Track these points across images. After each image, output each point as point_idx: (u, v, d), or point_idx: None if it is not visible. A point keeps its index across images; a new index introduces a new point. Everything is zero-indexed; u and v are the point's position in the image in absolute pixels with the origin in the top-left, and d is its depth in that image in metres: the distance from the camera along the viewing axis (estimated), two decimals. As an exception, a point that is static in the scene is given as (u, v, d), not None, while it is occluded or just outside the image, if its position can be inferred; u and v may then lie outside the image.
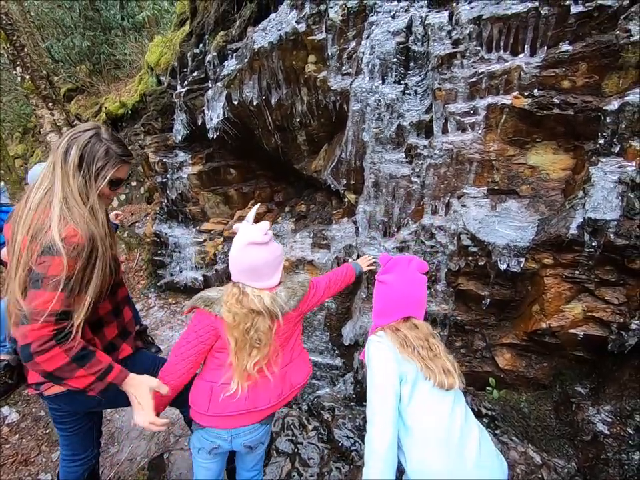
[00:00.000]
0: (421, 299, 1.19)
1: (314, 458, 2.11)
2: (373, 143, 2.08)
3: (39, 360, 0.95)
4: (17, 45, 3.62)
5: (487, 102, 1.74)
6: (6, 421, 2.51)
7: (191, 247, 3.61)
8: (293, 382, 1.27)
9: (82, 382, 1.02)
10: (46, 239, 0.99)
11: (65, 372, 0.98)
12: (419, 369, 1.05)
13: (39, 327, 0.94)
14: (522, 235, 1.68)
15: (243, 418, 1.20)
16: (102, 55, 8.79)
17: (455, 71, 1.78)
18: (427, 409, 1.03)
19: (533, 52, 1.65)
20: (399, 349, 1.08)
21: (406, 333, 1.11)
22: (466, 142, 1.82)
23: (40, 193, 1.06)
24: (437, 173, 1.93)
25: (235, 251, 1.17)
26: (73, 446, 1.42)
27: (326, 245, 2.48)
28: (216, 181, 3.50)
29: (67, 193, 1.05)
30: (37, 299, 0.96)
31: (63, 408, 1.33)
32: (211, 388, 1.20)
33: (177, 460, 2.21)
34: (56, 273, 0.97)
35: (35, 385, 1.23)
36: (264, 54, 2.29)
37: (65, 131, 3.96)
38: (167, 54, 5.51)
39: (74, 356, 0.98)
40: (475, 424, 1.05)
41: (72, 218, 1.03)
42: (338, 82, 2.18)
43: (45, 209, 1.04)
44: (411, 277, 1.19)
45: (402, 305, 1.16)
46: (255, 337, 1.14)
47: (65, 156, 1.07)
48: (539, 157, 1.77)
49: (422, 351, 1.08)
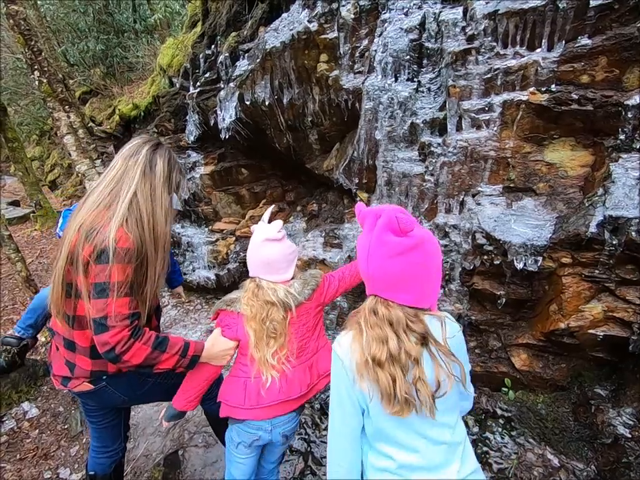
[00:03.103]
0: (382, 272, 0.81)
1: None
2: (385, 141, 2.07)
3: (126, 358, 1.02)
4: (34, 49, 3.71)
5: (503, 98, 1.71)
6: (26, 416, 2.59)
7: (203, 246, 3.66)
8: (320, 370, 1.30)
9: (169, 363, 1.10)
10: (99, 240, 1.02)
11: (151, 360, 1.07)
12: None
13: (116, 332, 1.01)
14: (539, 234, 1.65)
15: (279, 407, 1.23)
16: (115, 57, 8.96)
17: (470, 68, 1.76)
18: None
19: (551, 46, 1.61)
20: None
21: (366, 315, 0.85)
22: (481, 139, 1.80)
23: (100, 194, 1.11)
24: (451, 171, 1.91)
25: (252, 247, 1.27)
26: (102, 438, 1.47)
27: (338, 244, 2.48)
28: (228, 180, 3.53)
29: (143, 200, 1.12)
30: (107, 307, 1.01)
31: (90, 403, 1.37)
32: (244, 383, 1.24)
33: (192, 457, 2.25)
34: (119, 280, 1.02)
35: (62, 380, 1.26)
36: (276, 54, 2.30)
37: (80, 134, 4.05)
38: (178, 56, 5.58)
39: (153, 345, 1.06)
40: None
41: (131, 223, 1.08)
42: (350, 81, 2.18)
43: (104, 209, 1.08)
44: (374, 239, 0.82)
45: (363, 275, 0.88)
46: (270, 328, 1.20)
47: (151, 164, 1.14)
48: (557, 153, 1.74)
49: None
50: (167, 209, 1.18)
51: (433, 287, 0.85)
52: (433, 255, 0.83)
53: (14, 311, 3.78)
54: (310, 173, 2.96)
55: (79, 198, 8.13)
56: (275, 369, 1.20)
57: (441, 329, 0.82)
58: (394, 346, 0.78)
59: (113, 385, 1.26)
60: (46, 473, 2.22)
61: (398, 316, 0.80)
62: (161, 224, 1.16)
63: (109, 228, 1.03)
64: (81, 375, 1.22)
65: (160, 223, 1.16)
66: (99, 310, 1.01)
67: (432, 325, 0.83)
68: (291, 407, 1.26)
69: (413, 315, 0.81)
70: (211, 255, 3.63)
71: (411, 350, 0.78)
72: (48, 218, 6.36)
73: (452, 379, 0.80)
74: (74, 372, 1.21)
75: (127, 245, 1.04)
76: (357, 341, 0.84)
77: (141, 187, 1.13)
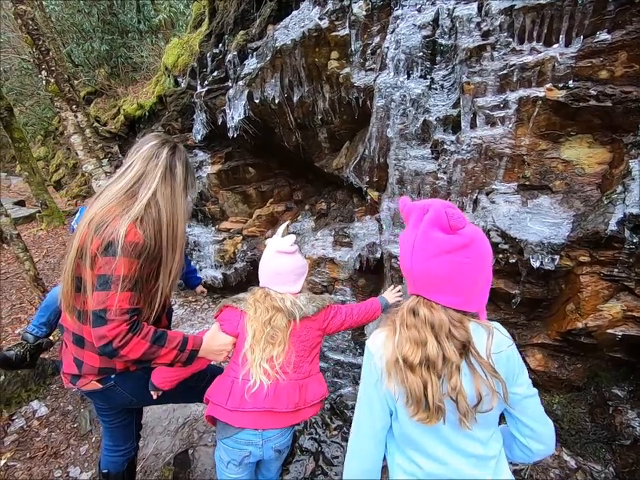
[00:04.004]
0: (427, 271, 0.75)
1: (338, 457, 2.10)
2: (397, 139, 2.05)
3: (124, 352, 1.02)
4: (42, 49, 3.72)
5: (519, 95, 1.69)
6: (36, 415, 2.59)
7: (210, 246, 3.65)
8: (308, 396, 1.26)
9: (167, 358, 1.10)
10: (107, 233, 1.03)
11: (150, 354, 1.06)
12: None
13: (114, 326, 1.00)
14: (556, 232, 1.62)
15: (261, 418, 1.19)
16: (119, 58, 8.99)
17: (485, 64, 1.74)
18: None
19: (568, 42, 1.59)
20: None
21: (404, 315, 0.81)
22: (495, 136, 1.78)
23: (117, 192, 1.11)
24: (465, 168, 1.89)
25: (265, 258, 1.33)
26: (114, 437, 1.47)
27: (348, 243, 2.46)
28: (235, 179, 3.52)
29: (164, 202, 1.13)
30: (108, 300, 1.01)
31: (99, 402, 1.36)
32: (232, 382, 1.23)
33: (202, 456, 2.24)
34: (122, 274, 1.02)
35: (71, 378, 1.26)
36: (286, 51, 2.28)
37: (87, 133, 4.05)
38: (183, 55, 5.58)
39: (152, 339, 1.06)
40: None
41: (146, 222, 1.08)
42: (361, 78, 2.16)
43: (117, 206, 1.08)
44: (420, 235, 0.76)
45: (406, 273, 0.83)
46: (270, 333, 1.22)
47: (171, 168, 1.16)
48: (573, 150, 1.71)
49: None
50: (184, 210, 1.20)
51: (482, 290, 0.79)
52: (484, 256, 0.77)
53: (21, 309, 3.79)
54: (318, 171, 2.95)
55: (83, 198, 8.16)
56: (267, 375, 1.19)
57: (487, 340, 0.76)
58: (433, 351, 0.73)
59: (121, 384, 1.26)
60: (56, 472, 2.21)
61: (441, 319, 0.75)
62: (180, 226, 1.18)
63: (119, 222, 1.04)
64: (89, 373, 1.21)
65: (179, 225, 1.18)
66: (99, 302, 1.01)
67: (477, 334, 0.76)
68: (276, 423, 1.21)
69: (458, 319, 0.75)
70: (218, 255, 3.62)
71: (451, 357, 0.73)
72: (53, 218, 6.38)
73: (496, 395, 0.74)
74: (82, 369, 1.21)
75: (134, 240, 1.04)
76: (390, 339, 0.80)
77: (161, 190, 1.14)
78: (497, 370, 0.75)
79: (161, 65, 6.33)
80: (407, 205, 0.83)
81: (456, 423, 0.76)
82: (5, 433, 2.40)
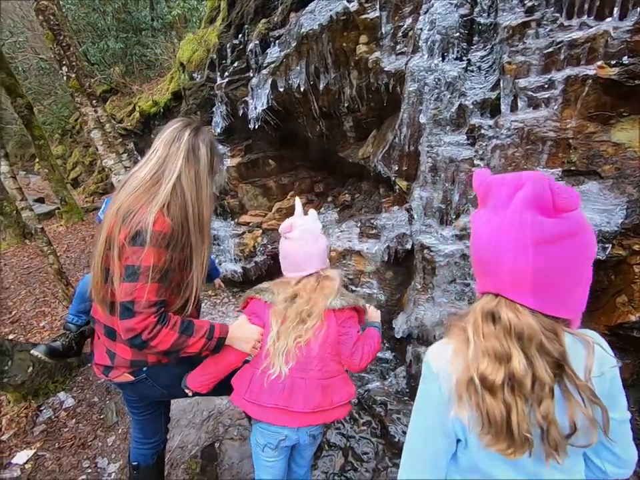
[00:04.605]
0: (516, 265, 0.60)
1: (368, 453, 2.05)
2: (430, 125, 1.97)
3: (153, 344, 1.01)
4: (63, 44, 3.73)
5: (566, 74, 1.59)
6: (63, 406, 2.61)
7: (229, 240, 3.62)
8: (334, 398, 1.19)
9: (196, 347, 1.09)
10: (135, 222, 0.99)
11: (179, 345, 1.05)
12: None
13: (142, 318, 0.98)
14: (608, 219, 1.53)
15: (274, 413, 1.16)
16: (134, 55, 9.06)
17: (528, 42, 1.64)
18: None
19: (623, 15, 1.48)
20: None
21: (478, 320, 0.64)
22: (539, 119, 1.68)
23: (141, 179, 1.08)
24: (504, 154, 1.80)
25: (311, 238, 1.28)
26: (144, 430, 1.45)
27: (375, 235, 2.39)
28: (255, 172, 3.48)
29: (187, 186, 1.09)
30: (136, 291, 0.98)
31: (130, 394, 1.35)
32: (252, 373, 1.20)
33: (228, 449, 2.22)
34: (151, 264, 0.98)
35: (104, 369, 1.24)
36: (312, 37, 2.22)
37: (107, 128, 4.07)
38: (198, 51, 5.57)
39: (180, 329, 1.05)
40: None
41: (174, 208, 1.05)
42: (391, 62, 2.08)
43: (143, 193, 1.05)
44: (510, 217, 0.60)
45: (480, 265, 0.67)
46: (294, 321, 1.17)
47: (194, 150, 1.11)
48: (625, 133, 1.60)
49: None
50: (210, 194, 1.16)
51: (582, 292, 0.63)
52: (590, 248, 0.62)
53: (45, 303, 3.84)
54: (340, 163, 2.88)
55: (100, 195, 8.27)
56: (287, 364, 1.14)
57: (586, 358, 0.60)
58: (520, 368, 0.57)
59: (153, 377, 1.24)
60: (84, 462, 2.22)
61: (531, 327, 0.58)
62: (206, 210, 1.14)
63: (147, 210, 1.00)
64: (121, 365, 1.20)
65: (205, 209, 1.13)
66: (127, 293, 0.98)
67: (573, 349, 0.60)
68: (293, 422, 1.16)
69: (551, 329, 0.59)
70: (238, 248, 3.59)
71: (544, 377, 0.57)
72: (72, 214, 6.47)
73: (596, 426, 0.60)
74: (114, 361, 1.19)
75: (163, 229, 1.00)
76: (460, 354, 0.64)
77: (185, 173, 1.09)
78: (598, 395, 0.60)
79: (176, 61, 6.34)
80: (487, 179, 0.65)
81: (541, 455, 0.61)
82: (34, 423, 2.42)
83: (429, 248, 2.01)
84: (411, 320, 2.14)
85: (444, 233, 2.02)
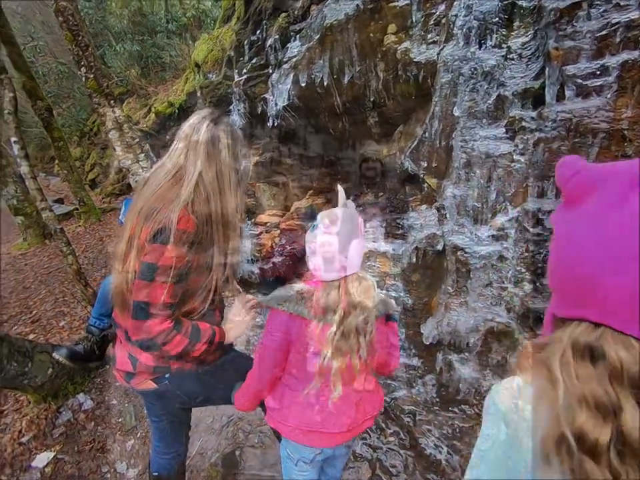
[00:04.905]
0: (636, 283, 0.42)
1: (397, 466, 1.94)
2: (465, 118, 1.84)
3: (166, 349, 0.99)
4: (82, 44, 3.72)
5: (622, 58, 1.45)
6: (82, 408, 2.58)
7: (246, 240, 3.56)
8: (366, 409, 1.11)
9: (199, 352, 1.08)
10: (158, 220, 0.94)
11: (188, 350, 1.05)
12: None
13: (160, 321, 0.96)
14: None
15: (307, 436, 1.08)
16: (149, 58, 9.16)
17: (579, 25, 1.51)
18: None
19: (691, -9, 1.34)
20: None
21: (567, 355, 0.46)
22: (590, 109, 1.54)
23: (163, 177, 1.04)
24: (548, 148, 1.66)
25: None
26: (165, 439, 1.40)
27: (401, 235, 2.28)
28: (272, 171, 3.41)
29: (209, 180, 1.03)
30: (152, 290, 0.93)
31: (152, 402, 1.30)
32: (291, 394, 1.09)
33: (249, 457, 2.14)
34: (170, 264, 0.93)
35: (125, 375, 1.19)
36: (337, 28, 2.12)
37: (125, 128, 4.06)
38: (213, 51, 5.56)
39: (190, 335, 1.04)
40: None
41: (198, 204, 0.99)
42: (422, 52, 1.97)
43: (167, 191, 1.00)
44: (628, 218, 0.42)
45: (583, 286, 0.47)
46: (350, 325, 0.97)
47: (214, 141, 1.05)
48: (689, 122, 1.45)
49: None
50: (235, 186, 1.09)
51: None
52: None
53: (64, 303, 3.86)
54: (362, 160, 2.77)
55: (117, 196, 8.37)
56: (342, 380, 0.99)
57: None
58: (635, 425, 0.41)
59: (175, 384, 1.18)
60: (104, 467, 2.18)
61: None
62: (230, 203, 1.07)
63: (170, 208, 0.95)
64: (143, 371, 1.14)
65: (229, 203, 1.07)
66: (141, 292, 0.94)
67: None
68: (322, 442, 1.08)
69: None
70: (255, 249, 3.53)
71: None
72: (90, 214, 6.55)
73: None
74: (136, 367, 1.14)
75: (188, 227, 0.95)
76: (545, 400, 0.47)
77: (206, 168, 1.04)
78: None
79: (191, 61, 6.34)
80: (584, 169, 0.49)
81: None
82: (54, 425, 2.40)
83: (463, 249, 1.88)
84: (442, 325, 2.01)
85: (479, 233, 1.89)
